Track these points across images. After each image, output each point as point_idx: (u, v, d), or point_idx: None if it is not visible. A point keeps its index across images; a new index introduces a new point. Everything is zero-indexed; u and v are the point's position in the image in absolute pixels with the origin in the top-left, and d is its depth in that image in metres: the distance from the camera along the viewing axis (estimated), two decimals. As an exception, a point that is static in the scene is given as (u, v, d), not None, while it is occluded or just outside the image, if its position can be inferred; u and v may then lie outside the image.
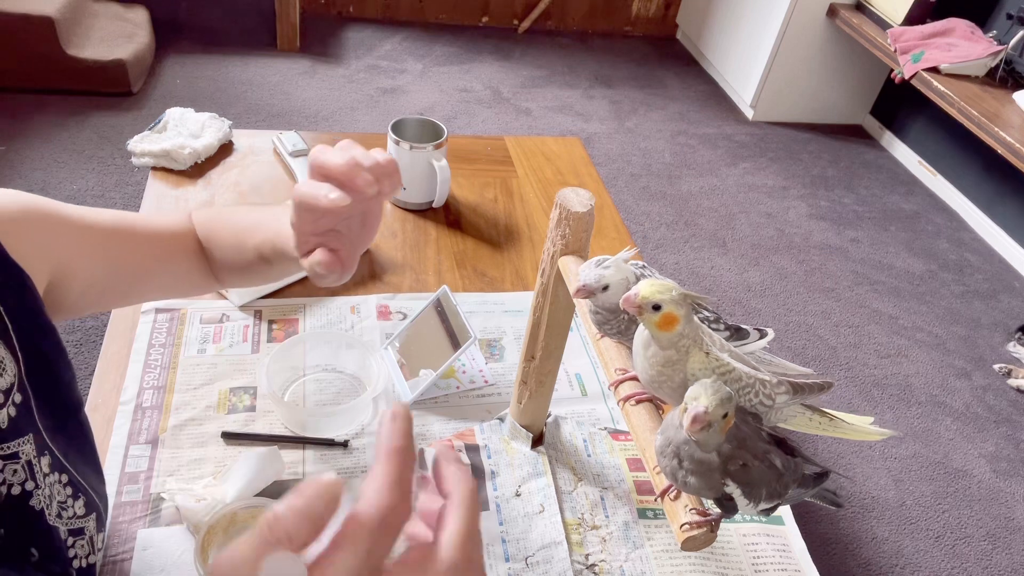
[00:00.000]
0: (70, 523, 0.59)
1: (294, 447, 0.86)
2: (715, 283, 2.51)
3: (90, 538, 0.62)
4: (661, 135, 3.28)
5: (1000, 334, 2.51)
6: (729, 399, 0.46)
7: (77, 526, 0.60)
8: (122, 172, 2.46)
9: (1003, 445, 2.10)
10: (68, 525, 0.59)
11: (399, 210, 1.28)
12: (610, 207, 1.36)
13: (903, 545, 1.80)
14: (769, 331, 0.69)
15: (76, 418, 0.63)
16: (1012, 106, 2.48)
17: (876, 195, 3.15)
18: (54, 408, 0.58)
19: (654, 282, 0.52)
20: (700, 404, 0.45)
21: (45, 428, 0.56)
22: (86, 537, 0.62)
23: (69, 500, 0.59)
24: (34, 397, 0.55)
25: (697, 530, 0.50)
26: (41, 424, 0.56)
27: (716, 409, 0.45)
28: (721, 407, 0.46)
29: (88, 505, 0.62)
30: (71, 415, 0.62)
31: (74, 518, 0.60)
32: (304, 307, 1.05)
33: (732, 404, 0.46)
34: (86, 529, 0.62)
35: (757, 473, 0.51)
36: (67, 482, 0.59)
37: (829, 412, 0.62)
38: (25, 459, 0.53)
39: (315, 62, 3.34)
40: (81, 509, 0.61)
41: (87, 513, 0.62)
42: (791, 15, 3.16)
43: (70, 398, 0.61)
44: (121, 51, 2.81)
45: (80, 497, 0.61)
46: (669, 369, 0.54)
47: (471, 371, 1.00)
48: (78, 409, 0.63)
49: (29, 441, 0.54)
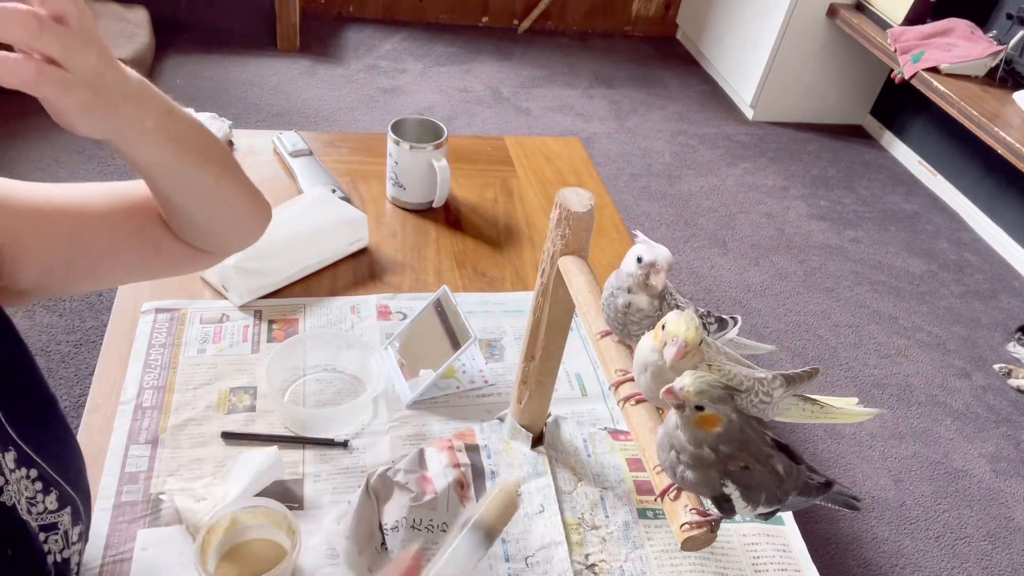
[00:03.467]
0: (40, 518, 0.59)
1: (294, 447, 0.86)
2: (715, 283, 2.51)
3: (64, 532, 0.62)
4: (661, 135, 3.28)
5: (1000, 334, 2.51)
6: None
7: (49, 521, 0.60)
8: (122, 172, 2.46)
9: (1003, 445, 2.10)
10: (39, 520, 0.59)
11: (399, 210, 1.28)
12: (610, 207, 1.36)
13: (903, 545, 1.80)
14: (738, 318, 0.73)
15: (47, 413, 0.62)
16: (1012, 106, 2.48)
17: (876, 195, 3.15)
18: (20, 404, 0.57)
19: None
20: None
21: (11, 423, 0.56)
22: (60, 532, 0.61)
23: (39, 495, 0.59)
24: None
25: (697, 530, 0.50)
26: (5, 420, 0.56)
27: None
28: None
29: (62, 499, 0.62)
30: (41, 410, 0.61)
31: (45, 513, 0.60)
32: (304, 307, 1.05)
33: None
34: (60, 524, 0.61)
35: (758, 476, 0.51)
36: (36, 477, 0.59)
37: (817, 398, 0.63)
38: None
39: (315, 62, 3.34)
40: (53, 504, 0.61)
41: (60, 508, 0.61)
42: (791, 15, 3.16)
43: (40, 393, 0.60)
44: (121, 51, 2.80)
45: (51, 492, 0.61)
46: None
47: (471, 371, 1.00)
48: (50, 404, 0.62)
49: None
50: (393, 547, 0.76)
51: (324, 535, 0.78)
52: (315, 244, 1.10)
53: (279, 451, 0.82)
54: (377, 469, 0.81)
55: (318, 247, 1.11)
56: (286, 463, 0.82)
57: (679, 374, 0.54)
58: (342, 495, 0.82)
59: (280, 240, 1.06)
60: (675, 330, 0.53)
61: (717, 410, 0.48)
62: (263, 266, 1.04)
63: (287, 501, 0.78)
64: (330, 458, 0.86)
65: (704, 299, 2.43)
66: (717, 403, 0.48)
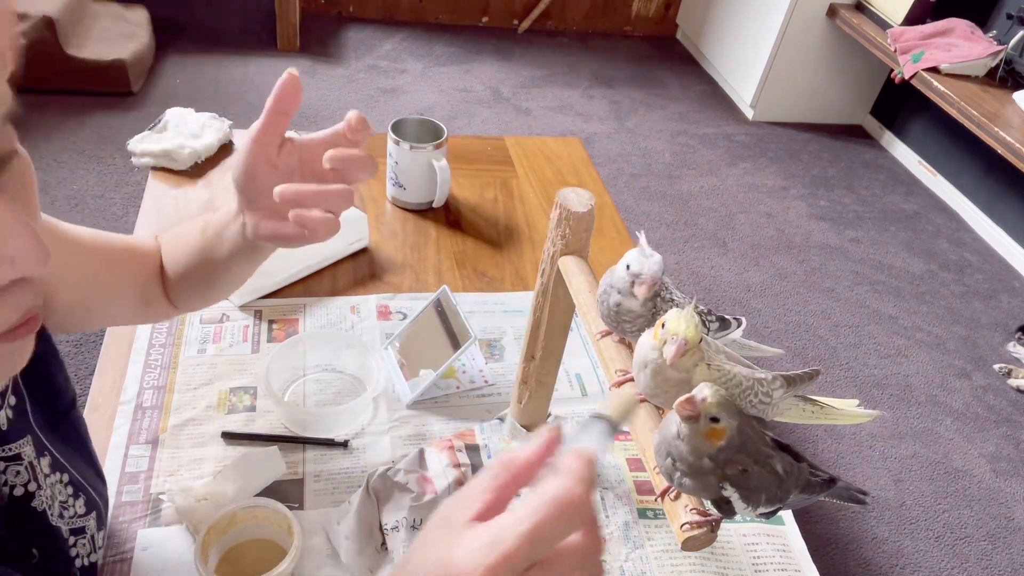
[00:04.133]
0: (71, 522, 0.59)
1: (294, 447, 0.86)
2: (715, 283, 2.51)
3: (91, 537, 0.62)
4: (661, 135, 3.28)
5: (1000, 334, 2.51)
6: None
7: (78, 525, 0.60)
8: (122, 172, 2.46)
9: (1003, 445, 2.10)
10: (70, 524, 0.59)
11: (399, 210, 1.28)
12: (610, 207, 1.36)
13: (903, 545, 1.80)
14: (743, 319, 0.71)
15: (70, 418, 0.62)
16: (1012, 106, 2.48)
17: (876, 195, 3.15)
18: (48, 409, 0.58)
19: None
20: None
21: (40, 428, 0.56)
22: (87, 536, 0.62)
23: (70, 500, 0.59)
24: (28, 399, 0.55)
25: (697, 530, 0.50)
26: (36, 425, 0.56)
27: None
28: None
29: (88, 504, 0.62)
30: (65, 415, 0.61)
31: (75, 517, 0.60)
32: (304, 307, 1.05)
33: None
34: (87, 528, 0.62)
35: (757, 478, 0.51)
36: (68, 482, 0.59)
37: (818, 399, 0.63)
38: (28, 460, 0.53)
39: (315, 62, 3.34)
40: (82, 508, 0.61)
41: (87, 512, 0.62)
42: (791, 15, 3.16)
43: (64, 399, 0.61)
44: (121, 51, 2.80)
45: (80, 496, 0.61)
46: (675, 388, 0.55)
47: (471, 371, 1.00)
48: (72, 409, 0.62)
49: (28, 443, 0.54)
50: (393, 547, 0.76)
51: (324, 535, 0.78)
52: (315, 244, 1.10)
53: (279, 451, 0.82)
54: (377, 469, 0.81)
55: (318, 247, 1.11)
56: (286, 463, 0.82)
57: (679, 372, 0.54)
58: (342, 495, 0.82)
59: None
60: (675, 328, 0.53)
61: (729, 424, 0.48)
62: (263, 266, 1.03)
63: (287, 501, 0.78)
64: (330, 458, 0.86)
65: (704, 299, 2.43)
66: (731, 417, 0.48)
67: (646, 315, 0.61)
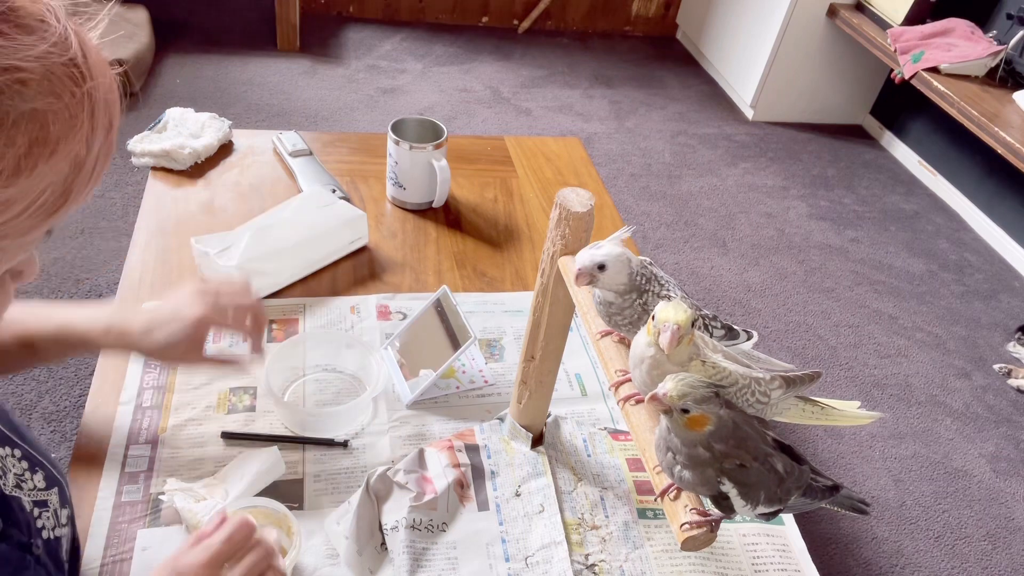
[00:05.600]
0: (33, 495, 0.61)
1: (294, 447, 0.86)
2: (715, 283, 2.51)
3: (54, 511, 0.63)
4: (661, 135, 3.28)
5: (1000, 334, 2.51)
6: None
7: (40, 498, 0.62)
8: (122, 172, 2.46)
9: (1003, 445, 2.10)
10: (31, 496, 0.60)
11: (399, 210, 1.28)
12: (610, 207, 1.36)
13: (903, 545, 1.80)
14: (754, 333, 0.70)
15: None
16: (1012, 106, 2.48)
17: (876, 195, 3.15)
18: None
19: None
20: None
21: None
22: (50, 510, 0.63)
23: (27, 473, 0.61)
24: None
25: (697, 530, 0.50)
26: None
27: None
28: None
29: (48, 480, 0.63)
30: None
31: (35, 491, 0.61)
32: (304, 307, 1.05)
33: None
34: (49, 502, 0.63)
35: (756, 474, 0.51)
36: (20, 456, 0.61)
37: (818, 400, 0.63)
38: None
39: (315, 62, 3.34)
40: (42, 483, 0.62)
41: (48, 487, 0.63)
42: (791, 15, 3.16)
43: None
44: (121, 51, 2.80)
45: (38, 471, 0.62)
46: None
47: (471, 371, 1.00)
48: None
49: None
50: (393, 547, 0.76)
51: (324, 535, 0.78)
52: (315, 244, 1.10)
53: (279, 451, 0.82)
54: (377, 469, 0.81)
55: (318, 246, 1.11)
56: (286, 463, 0.82)
57: (674, 362, 0.54)
58: (342, 495, 0.82)
59: (280, 240, 1.06)
60: (665, 316, 0.53)
61: (704, 410, 0.48)
62: (263, 266, 1.04)
63: (287, 501, 0.78)
64: (330, 458, 0.86)
65: (704, 299, 2.43)
66: (702, 403, 0.48)
67: (632, 308, 0.62)
